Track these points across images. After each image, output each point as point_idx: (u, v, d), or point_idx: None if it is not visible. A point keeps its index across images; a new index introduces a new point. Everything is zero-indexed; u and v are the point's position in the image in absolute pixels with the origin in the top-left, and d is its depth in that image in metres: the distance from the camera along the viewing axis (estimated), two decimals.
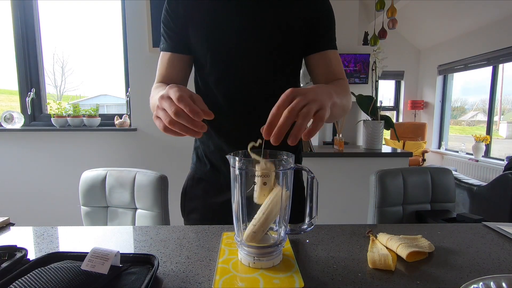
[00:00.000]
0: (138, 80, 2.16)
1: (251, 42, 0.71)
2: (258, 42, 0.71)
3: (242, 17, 0.70)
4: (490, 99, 4.45)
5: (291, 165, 0.51)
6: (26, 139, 2.22)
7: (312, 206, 0.53)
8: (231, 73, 0.73)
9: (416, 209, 1.18)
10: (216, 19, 0.71)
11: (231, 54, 0.72)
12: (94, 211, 1.14)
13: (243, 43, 0.71)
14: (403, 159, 2.17)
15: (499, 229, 0.71)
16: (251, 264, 0.51)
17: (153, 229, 0.71)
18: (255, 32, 0.71)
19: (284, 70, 0.76)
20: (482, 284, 0.43)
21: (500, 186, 2.11)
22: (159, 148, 2.25)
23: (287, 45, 0.73)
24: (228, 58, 0.73)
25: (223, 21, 0.71)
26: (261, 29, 0.71)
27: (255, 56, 0.72)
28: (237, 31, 0.71)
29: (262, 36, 0.71)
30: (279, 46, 0.73)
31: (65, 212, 2.26)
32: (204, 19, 0.72)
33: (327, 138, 2.64)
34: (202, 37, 0.72)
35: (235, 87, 0.74)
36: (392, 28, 3.05)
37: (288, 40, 0.73)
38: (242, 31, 0.71)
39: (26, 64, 2.26)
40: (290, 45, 0.74)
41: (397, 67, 5.89)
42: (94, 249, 0.46)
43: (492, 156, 4.48)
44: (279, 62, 0.75)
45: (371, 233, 0.64)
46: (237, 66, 0.73)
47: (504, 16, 3.93)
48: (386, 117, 2.21)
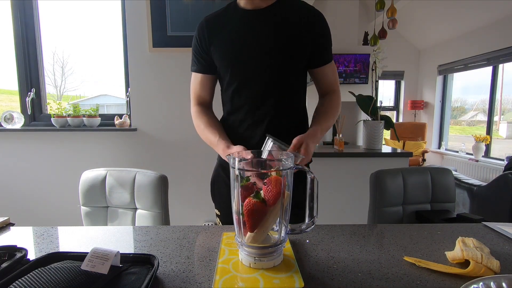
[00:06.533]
0: (138, 80, 2.16)
1: (264, 59, 0.85)
2: (269, 60, 0.85)
3: (257, 40, 0.85)
4: (490, 99, 4.45)
5: (291, 165, 0.51)
6: (26, 139, 2.21)
7: (312, 206, 0.53)
8: (247, 83, 0.88)
9: (416, 209, 1.18)
10: (234, 41, 0.86)
11: (246, 69, 0.87)
12: (94, 211, 1.14)
13: (258, 60, 0.85)
14: (403, 159, 2.16)
15: (499, 229, 0.71)
16: (252, 264, 0.51)
17: (153, 229, 0.71)
18: (268, 52, 0.85)
19: (289, 81, 0.90)
20: (482, 284, 0.43)
21: (500, 186, 2.11)
22: (159, 148, 2.25)
23: (294, 61, 0.87)
24: (244, 71, 0.87)
25: (241, 43, 0.86)
26: (273, 49, 0.85)
27: (267, 71, 0.86)
28: (253, 51, 0.85)
29: (273, 54, 0.85)
30: (286, 62, 0.87)
31: (65, 212, 2.25)
32: (224, 41, 0.87)
33: (327, 138, 2.64)
34: (223, 57, 0.88)
35: (250, 93, 0.89)
36: (392, 28, 3.05)
37: (294, 57, 0.86)
38: (257, 49, 0.85)
39: (26, 64, 2.26)
40: (296, 60, 0.87)
41: (397, 67, 5.89)
42: (94, 249, 0.46)
43: (492, 156, 4.47)
44: (286, 75, 0.88)
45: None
46: (252, 78, 0.87)
47: (504, 16, 3.93)
48: (386, 117, 2.21)
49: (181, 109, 2.19)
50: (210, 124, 0.90)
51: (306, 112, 0.99)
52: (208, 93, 0.98)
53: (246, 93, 0.88)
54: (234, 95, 0.90)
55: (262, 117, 0.88)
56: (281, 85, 0.87)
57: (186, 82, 2.35)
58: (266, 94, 0.87)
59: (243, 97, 0.89)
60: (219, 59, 0.88)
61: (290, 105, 0.91)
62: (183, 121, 2.20)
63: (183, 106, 2.18)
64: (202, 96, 0.97)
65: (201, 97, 0.97)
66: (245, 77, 0.87)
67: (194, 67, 0.95)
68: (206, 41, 0.89)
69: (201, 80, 0.94)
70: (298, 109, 0.94)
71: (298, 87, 0.93)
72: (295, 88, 0.92)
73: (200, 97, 0.97)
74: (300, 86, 0.93)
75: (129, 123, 2.25)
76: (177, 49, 2.12)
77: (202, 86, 0.95)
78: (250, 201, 0.48)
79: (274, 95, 0.87)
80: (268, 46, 0.84)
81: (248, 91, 0.88)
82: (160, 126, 2.22)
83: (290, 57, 0.86)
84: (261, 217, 0.49)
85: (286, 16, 0.85)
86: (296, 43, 0.85)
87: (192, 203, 2.29)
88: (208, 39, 0.88)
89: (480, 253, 0.53)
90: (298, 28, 0.85)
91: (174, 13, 2.07)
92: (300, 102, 0.95)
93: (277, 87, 0.87)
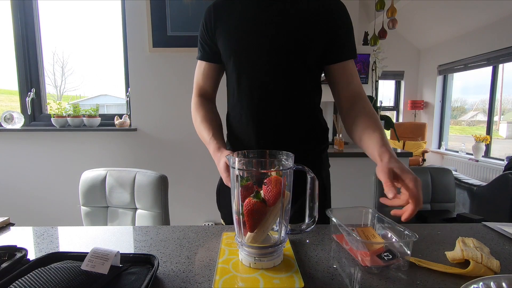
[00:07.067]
0: (138, 80, 2.16)
1: (270, 49, 0.76)
2: (273, 51, 0.76)
3: (262, 26, 0.76)
4: (490, 99, 4.45)
5: (291, 165, 0.51)
6: (26, 139, 2.21)
7: (312, 206, 0.53)
8: (249, 75, 0.80)
9: None
10: (239, 27, 0.79)
11: (249, 58, 0.78)
12: (94, 211, 1.14)
13: (262, 50, 0.77)
14: (403, 159, 2.16)
15: (499, 229, 0.71)
16: (252, 264, 0.51)
17: (153, 229, 0.71)
18: (274, 41, 0.76)
19: (298, 76, 0.80)
20: (482, 284, 0.43)
21: (500, 186, 2.11)
22: (159, 148, 2.25)
23: (304, 54, 0.77)
24: (247, 61, 0.79)
25: (245, 30, 0.78)
26: (278, 37, 0.76)
27: (272, 63, 0.77)
28: (256, 39, 0.77)
29: (280, 44, 0.76)
30: (295, 55, 0.77)
31: (65, 212, 2.25)
32: (228, 27, 0.80)
33: None
34: (226, 44, 0.80)
35: (251, 85, 0.80)
36: (392, 28, 3.05)
37: (305, 49, 0.76)
38: (262, 38, 0.76)
39: (26, 64, 2.26)
40: (307, 53, 0.77)
41: (397, 67, 5.88)
42: (94, 249, 0.46)
43: (492, 156, 4.47)
44: (295, 70, 0.78)
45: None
46: (254, 69, 0.79)
47: (504, 16, 3.93)
48: (386, 117, 2.21)
49: (181, 109, 2.19)
50: (206, 119, 0.84)
51: (322, 116, 0.88)
52: (211, 84, 0.90)
53: (247, 85, 0.80)
54: (235, 87, 0.82)
55: (265, 117, 0.80)
56: (288, 80, 0.78)
57: (186, 82, 2.34)
58: (271, 90, 0.78)
59: (244, 90, 0.80)
60: (222, 47, 0.81)
61: (300, 105, 0.81)
62: (183, 121, 2.20)
63: (183, 106, 2.18)
64: (204, 87, 0.90)
65: (203, 88, 0.91)
66: (247, 67, 0.79)
67: (198, 54, 0.89)
68: (212, 26, 0.82)
69: (204, 69, 0.88)
70: (310, 110, 0.84)
71: (310, 84, 0.82)
72: (306, 84, 0.81)
73: (202, 88, 0.91)
74: (313, 84, 0.83)
75: (129, 123, 2.25)
76: (177, 49, 2.12)
77: (205, 75, 0.89)
78: (250, 201, 0.48)
79: (279, 90, 0.78)
80: (273, 35, 0.75)
81: (248, 83, 0.80)
82: (160, 126, 2.22)
83: (300, 49, 0.76)
84: (261, 217, 0.49)
85: (299, 2, 0.76)
86: (308, 33, 0.75)
87: (192, 203, 2.29)
88: (214, 24, 0.82)
89: (480, 253, 0.53)
90: (313, 17, 0.75)
91: (174, 13, 2.07)
92: (313, 102, 0.85)
93: (284, 82, 0.78)
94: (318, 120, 0.86)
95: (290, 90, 0.79)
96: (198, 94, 0.91)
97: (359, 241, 0.54)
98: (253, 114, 0.81)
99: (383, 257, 0.53)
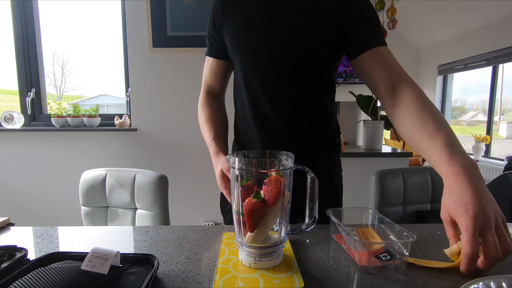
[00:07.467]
0: (138, 80, 2.16)
1: (276, 44, 0.72)
2: (280, 46, 0.72)
3: (272, 22, 0.71)
4: (490, 99, 4.45)
5: (291, 165, 0.51)
6: (26, 139, 2.21)
7: (312, 206, 0.53)
8: (256, 72, 0.76)
9: (416, 209, 1.18)
10: (246, 22, 0.74)
11: (256, 55, 0.74)
12: (94, 211, 1.14)
13: (271, 46, 0.72)
14: (403, 159, 2.17)
15: None
16: (252, 264, 0.51)
17: (153, 229, 0.71)
18: (281, 36, 0.71)
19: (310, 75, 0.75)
20: (482, 284, 0.43)
21: (500, 186, 2.10)
22: (159, 148, 2.25)
23: (318, 51, 0.72)
24: (253, 58, 0.75)
25: (252, 26, 0.74)
26: (287, 32, 0.71)
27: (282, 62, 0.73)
28: (265, 37, 0.73)
29: (286, 39, 0.71)
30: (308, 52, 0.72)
31: (65, 212, 2.25)
32: (236, 20, 0.75)
33: None
34: (232, 39, 0.76)
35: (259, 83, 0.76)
36: (392, 28, 3.05)
37: (319, 45, 0.71)
38: (271, 36, 0.72)
39: (26, 64, 2.26)
40: (321, 50, 0.72)
41: None
42: (94, 249, 0.46)
43: (492, 156, 4.47)
44: (307, 69, 0.74)
45: None
46: (261, 67, 0.75)
47: (504, 16, 3.93)
48: (386, 117, 2.21)
49: (181, 109, 2.19)
50: (210, 119, 0.82)
51: (334, 117, 0.82)
52: (218, 82, 0.87)
53: (254, 83, 0.75)
54: (242, 86, 0.78)
55: (272, 119, 0.75)
56: (299, 80, 0.73)
57: (187, 82, 2.34)
58: (280, 89, 0.74)
59: (250, 89, 0.76)
60: (229, 42, 0.77)
61: (312, 107, 0.76)
62: (183, 121, 2.20)
63: (183, 106, 2.18)
64: (211, 85, 0.88)
65: (210, 85, 0.88)
66: (253, 64, 0.74)
67: (206, 50, 0.86)
68: (219, 19, 0.78)
69: (211, 65, 0.85)
70: (323, 113, 0.78)
71: (324, 85, 0.77)
72: (320, 84, 0.76)
73: (209, 85, 0.88)
74: (327, 84, 0.78)
75: (129, 123, 2.25)
76: (177, 49, 2.12)
77: (212, 72, 0.86)
78: (250, 201, 0.48)
79: (289, 90, 0.74)
80: (285, 33, 0.70)
81: (256, 83, 0.75)
82: (160, 126, 2.22)
83: (314, 44, 0.70)
84: (261, 217, 0.49)
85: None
86: (322, 27, 0.69)
87: (192, 203, 2.29)
88: (221, 18, 0.77)
89: None
90: (329, 7, 0.69)
91: (174, 13, 2.07)
92: (326, 105, 0.78)
93: (293, 81, 0.73)
94: (329, 122, 0.81)
95: (303, 92, 0.75)
96: (206, 91, 0.89)
97: (357, 241, 0.54)
98: (259, 117, 0.77)
99: (381, 257, 0.53)
